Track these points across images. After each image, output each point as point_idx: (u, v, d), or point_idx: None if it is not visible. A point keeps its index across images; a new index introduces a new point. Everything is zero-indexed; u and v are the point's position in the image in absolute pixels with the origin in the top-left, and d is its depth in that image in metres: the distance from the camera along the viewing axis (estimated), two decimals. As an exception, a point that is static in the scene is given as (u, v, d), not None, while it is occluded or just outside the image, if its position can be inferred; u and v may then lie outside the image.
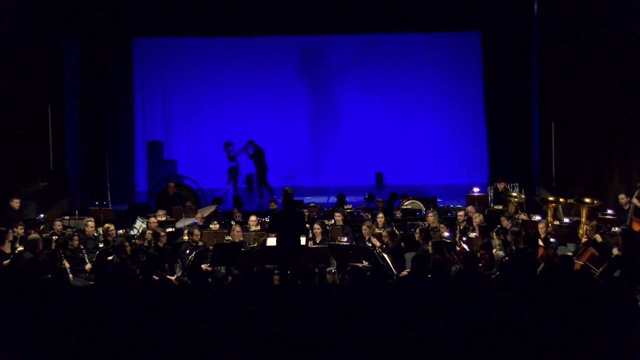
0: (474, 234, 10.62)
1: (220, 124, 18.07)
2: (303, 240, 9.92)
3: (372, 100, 18.02)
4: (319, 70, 18.04)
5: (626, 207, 11.29)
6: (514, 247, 9.48)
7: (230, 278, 10.11)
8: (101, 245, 10.44)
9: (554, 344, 4.57)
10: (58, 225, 11.26)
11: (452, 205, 13.84)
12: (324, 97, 18.14)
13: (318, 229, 10.88)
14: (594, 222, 10.13)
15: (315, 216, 12.55)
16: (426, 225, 11.09)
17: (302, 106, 18.18)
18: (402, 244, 10.36)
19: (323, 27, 16.90)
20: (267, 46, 17.74)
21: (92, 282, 9.41)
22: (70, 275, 9.39)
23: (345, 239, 10.66)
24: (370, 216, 12.13)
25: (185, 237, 10.76)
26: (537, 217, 11.01)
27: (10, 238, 9.98)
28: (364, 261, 9.81)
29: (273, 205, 12.75)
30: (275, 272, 10.11)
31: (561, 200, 11.81)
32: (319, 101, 18.16)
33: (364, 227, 10.85)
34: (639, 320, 4.91)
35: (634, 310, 5.04)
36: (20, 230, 10.41)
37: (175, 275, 9.92)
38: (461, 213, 11.41)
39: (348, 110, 18.07)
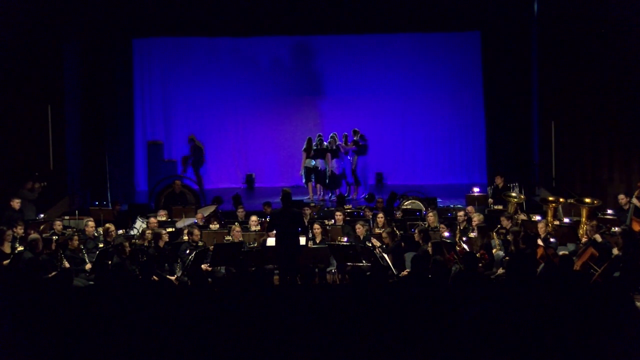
0: (474, 234, 10.62)
1: (220, 124, 18.08)
2: (303, 240, 9.91)
3: (372, 100, 18.00)
4: (319, 70, 18.03)
5: (626, 207, 11.29)
6: (513, 247, 9.48)
7: (230, 278, 10.11)
8: (101, 245, 10.44)
9: (554, 344, 4.58)
10: (58, 225, 11.28)
11: (452, 205, 13.84)
12: (323, 97, 18.14)
13: (318, 229, 10.88)
14: (594, 222, 10.12)
15: (315, 216, 12.54)
16: (426, 225, 11.09)
17: (301, 106, 18.17)
18: (402, 244, 10.35)
19: (323, 27, 16.89)
20: (267, 46, 17.74)
21: (92, 282, 9.42)
22: (70, 276, 9.40)
23: (345, 239, 10.65)
24: (370, 215, 12.13)
25: (185, 237, 10.77)
26: (537, 217, 11.00)
27: (10, 238, 9.99)
28: (364, 261, 9.80)
29: (267, 208, 12.73)
30: (275, 272, 10.11)
31: (561, 200, 11.82)
32: (318, 101, 18.15)
33: (357, 225, 10.81)
34: (637, 320, 4.91)
35: (632, 310, 5.04)
36: (20, 230, 10.41)
37: (175, 275, 9.92)
38: (461, 213, 11.39)
39: (348, 110, 18.04)
